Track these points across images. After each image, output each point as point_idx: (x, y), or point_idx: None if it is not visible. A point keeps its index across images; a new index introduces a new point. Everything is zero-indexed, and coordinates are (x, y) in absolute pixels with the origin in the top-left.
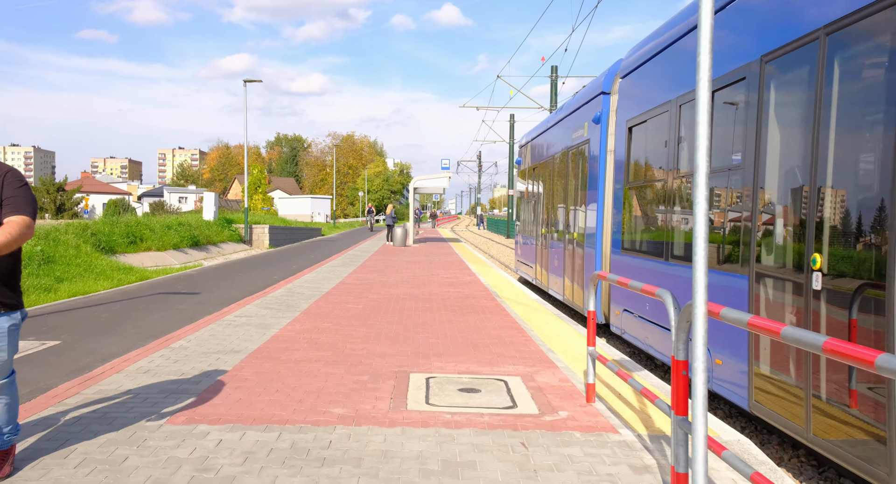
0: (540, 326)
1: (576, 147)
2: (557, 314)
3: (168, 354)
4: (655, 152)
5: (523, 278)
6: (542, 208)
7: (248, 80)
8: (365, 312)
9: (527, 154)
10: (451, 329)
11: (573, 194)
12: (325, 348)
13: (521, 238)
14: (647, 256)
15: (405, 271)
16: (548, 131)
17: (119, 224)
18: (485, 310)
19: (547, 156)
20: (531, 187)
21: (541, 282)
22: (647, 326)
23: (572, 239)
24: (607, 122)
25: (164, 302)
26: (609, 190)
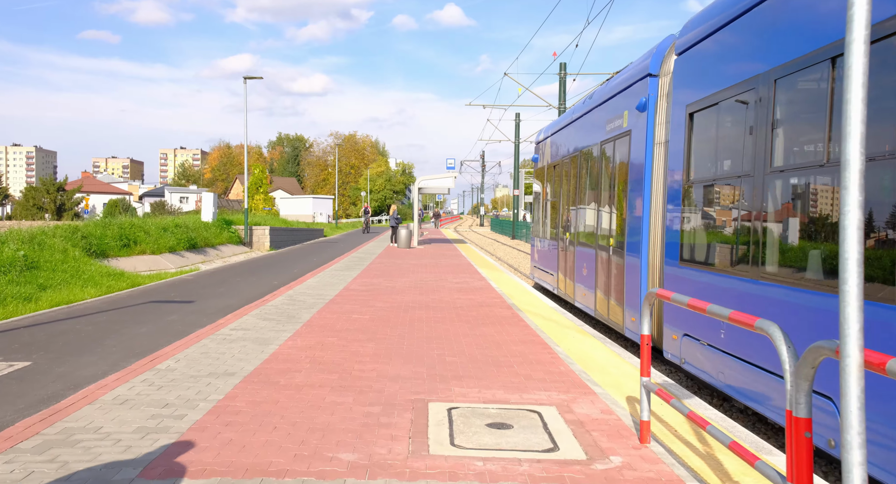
0: (566, 342)
1: (611, 140)
2: (585, 328)
3: (152, 379)
4: (735, 141)
5: (539, 285)
6: (566, 210)
7: (249, 76)
8: (372, 323)
9: (545, 151)
10: (468, 344)
11: (607, 194)
12: (330, 369)
13: (539, 242)
14: (724, 272)
15: (412, 276)
16: (572, 125)
17: (112, 226)
18: (501, 320)
19: (571, 152)
20: (551, 187)
21: (564, 292)
22: (724, 359)
23: (606, 246)
24: (655, 110)
25: (154, 312)
26: (658, 189)
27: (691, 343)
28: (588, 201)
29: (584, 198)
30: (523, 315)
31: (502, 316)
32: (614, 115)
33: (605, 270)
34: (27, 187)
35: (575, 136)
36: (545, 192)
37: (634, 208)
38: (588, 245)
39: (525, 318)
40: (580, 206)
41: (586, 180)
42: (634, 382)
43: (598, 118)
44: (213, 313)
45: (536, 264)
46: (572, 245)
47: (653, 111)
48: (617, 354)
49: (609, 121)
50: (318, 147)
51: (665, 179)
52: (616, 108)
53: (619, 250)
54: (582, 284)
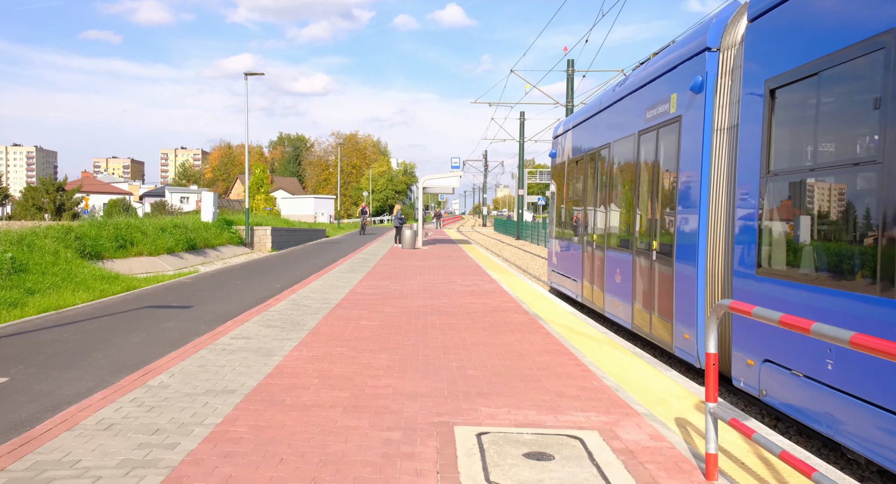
0: (595, 353)
1: (651, 130)
2: (612, 337)
3: (142, 398)
4: (849, 119)
5: (556, 290)
6: (593, 210)
7: (250, 72)
8: (383, 330)
9: (565, 145)
10: (487, 355)
11: (647, 192)
12: (340, 386)
13: (558, 245)
14: (833, 287)
15: (419, 278)
16: (600, 115)
17: (107, 227)
18: (520, 327)
19: (599, 144)
20: (573, 184)
21: (591, 301)
22: (835, 399)
23: (647, 250)
24: (715, 90)
25: (149, 319)
26: (720, 183)
27: (777, 372)
28: (621, 200)
29: (616, 196)
30: (542, 321)
31: (520, 322)
32: (657, 101)
33: (645, 278)
34: (26, 187)
35: (603, 127)
36: (566, 190)
37: (686, 207)
38: (622, 250)
39: (545, 324)
40: (611, 205)
41: (619, 176)
42: (682, 402)
43: (633, 106)
44: (213, 320)
45: (555, 269)
46: (600, 249)
47: (712, 92)
48: (654, 367)
49: (650, 107)
50: (319, 147)
51: (731, 172)
52: (659, 93)
53: (665, 256)
54: (614, 294)
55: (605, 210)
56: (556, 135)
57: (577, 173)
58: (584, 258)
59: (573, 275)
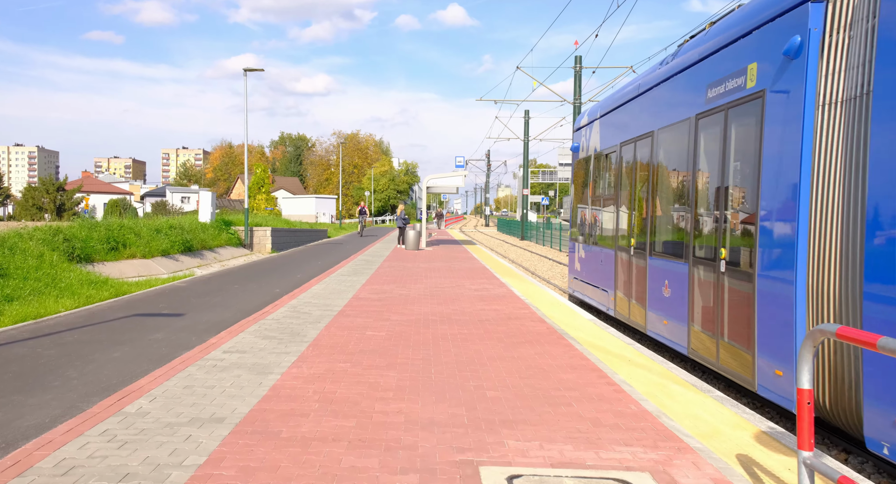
0: (623, 368)
1: (718, 110)
2: (638, 349)
3: (115, 429)
4: None
5: (578, 299)
6: (631, 210)
7: (249, 68)
8: (390, 342)
9: (591, 137)
10: (507, 371)
11: (710, 186)
12: (344, 412)
13: (583, 250)
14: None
15: (426, 281)
16: (639, 99)
17: (98, 227)
18: (538, 338)
19: (640, 133)
20: (603, 180)
21: (627, 316)
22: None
23: (712, 259)
24: (822, 53)
25: (136, 329)
26: (831, 177)
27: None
28: (670, 198)
29: (662, 194)
30: (561, 331)
31: (537, 332)
32: (725, 75)
33: (709, 294)
34: (27, 187)
35: (644, 113)
36: (592, 187)
37: (776, 205)
38: (673, 258)
39: (564, 335)
40: (655, 204)
41: (666, 170)
42: (738, 433)
43: (687, 84)
44: (205, 330)
45: (578, 276)
46: (640, 256)
47: (816, 55)
48: (694, 386)
49: (713, 85)
50: (320, 146)
51: (854, 157)
52: (727, 65)
53: (739, 268)
54: (661, 311)
55: (646, 210)
56: (580, 126)
57: (608, 168)
58: (618, 266)
59: (602, 284)
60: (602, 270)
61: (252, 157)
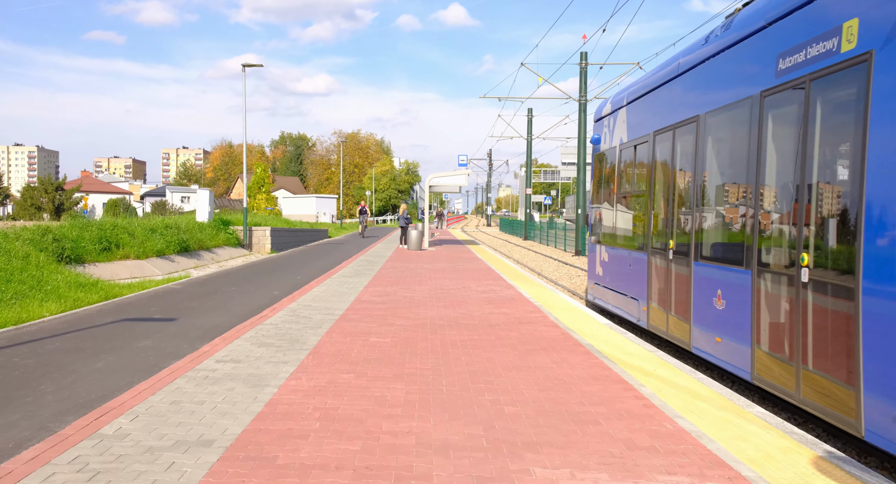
0: (650, 378)
1: (795, 84)
2: (661, 356)
3: (87, 456)
4: None
5: (598, 307)
6: (670, 207)
7: (247, 64)
8: (396, 349)
9: (617, 126)
10: (524, 383)
11: (783, 178)
12: (349, 432)
13: (608, 253)
14: None
15: (430, 283)
16: (680, 80)
17: (90, 227)
18: (553, 345)
19: (679, 119)
20: (632, 174)
21: (666, 331)
22: None
23: (788, 267)
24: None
25: (123, 335)
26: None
27: None
28: (725, 194)
29: (713, 188)
30: (577, 336)
31: (552, 338)
32: (811, 37)
33: (785, 310)
34: (25, 187)
35: (686, 95)
36: (618, 183)
37: (890, 202)
38: (730, 264)
39: (581, 341)
40: (706, 201)
41: (719, 160)
42: (793, 458)
43: (753, 54)
44: (198, 336)
45: (601, 282)
46: (683, 262)
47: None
48: (733, 401)
49: (792, 51)
50: (321, 146)
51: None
52: (813, 23)
53: (834, 282)
54: (712, 327)
55: (689, 208)
56: (601, 116)
57: (638, 161)
58: (652, 272)
59: (631, 292)
60: (631, 277)
61: (252, 156)
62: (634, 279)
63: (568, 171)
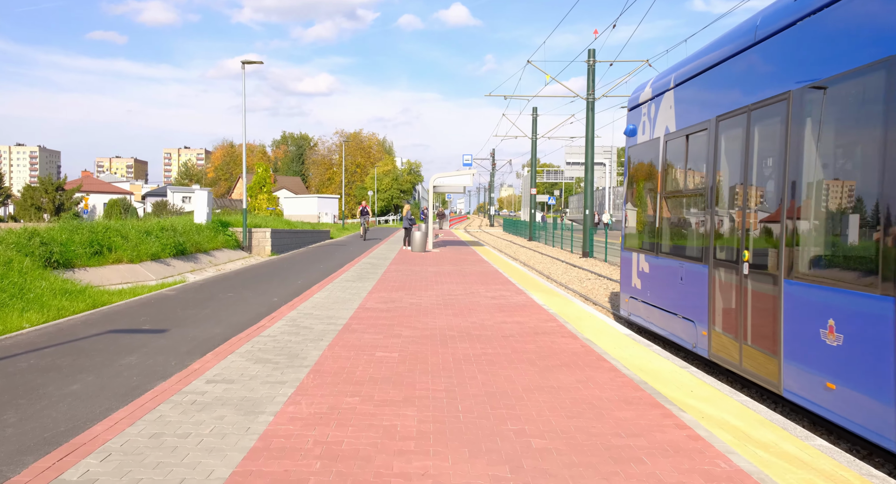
0: (688, 400)
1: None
2: (693, 372)
3: None
4: None
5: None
6: (749, 209)
7: (247, 60)
8: (404, 366)
9: (661, 113)
10: (549, 407)
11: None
12: (354, 475)
13: (649, 263)
14: None
15: (437, 288)
16: (752, 52)
17: (81, 230)
18: (574, 359)
19: (765, 95)
20: (683, 168)
21: (739, 364)
22: None
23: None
24: None
25: (107, 350)
26: None
27: None
28: (837, 194)
29: (818, 186)
30: (599, 350)
31: (571, 352)
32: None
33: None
34: (26, 187)
35: (782, 62)
36: (663, 179)
37: None
38: (849, 286)
39: (604, 355)
40: (808, 203)
41: (829, 148)
42: None
43: (872, 13)
44: (189, 351)
45: (639, 296)
46: (767, 278)
47: None
48: (788, 431)
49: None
50: (322, 145)
51: None
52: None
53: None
54: (821, 369)
55: (779, 211)
56: (638, 103)
57: (694, 153)
58: (717, 289)
59: (685, 312)
60: (683, 293)
61: (253, 156)
62: (689, 296)
63: (572, 170)
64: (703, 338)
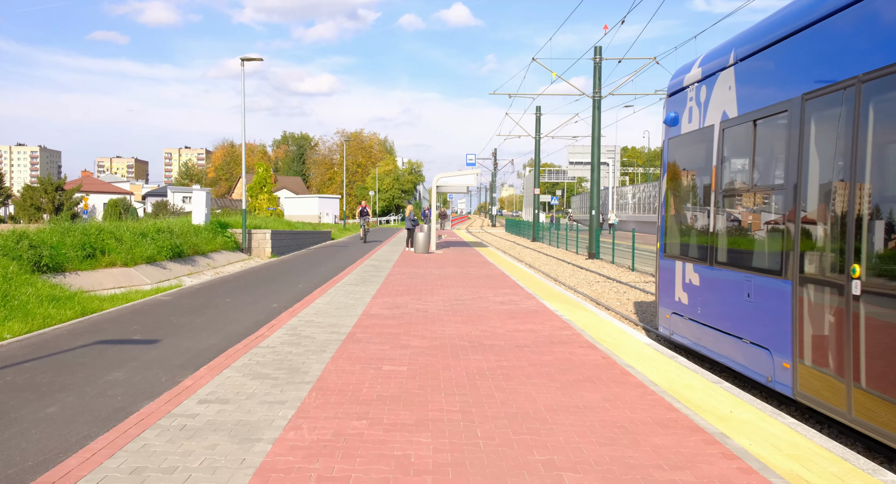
0: (729, 422)
1: None
2: (726, 388)
3: None
4: None
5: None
6: (855, 214)
7: (246, 57)
8: (415, 382)
9: (714, 97)
10: (578, 432)
11: None
12: None
13: (701, 274)
14: None
15: (443, 292)
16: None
17: (73, 232)
18: (597, 373)
19: (873, 66)
20: (751, 163)
21: (848, 411)
22: None
23: None
24: None
25: (91, 365)
26: None
27: None
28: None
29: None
30: (621, 361)
31: (593, 364)
32: None
33: None
34: (25, 187)
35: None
36: (721, 174)
37: None
38: None
39: (627, 366)
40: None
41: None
42: None
43: None
44: (181, 365)
45: (687, 314)
46: (889, 301)
47: None
48: (849, 462)
49: None
50: (323, 145)
51: None
52: None
53: None
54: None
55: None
56: (681, 86)
57: (766, 140)
58: (805, 311)
59: (755, 336)
60: (753, 312)
61: (254, 156)
62: (760, 318)
63: (575, 170)
64: (785, 372)
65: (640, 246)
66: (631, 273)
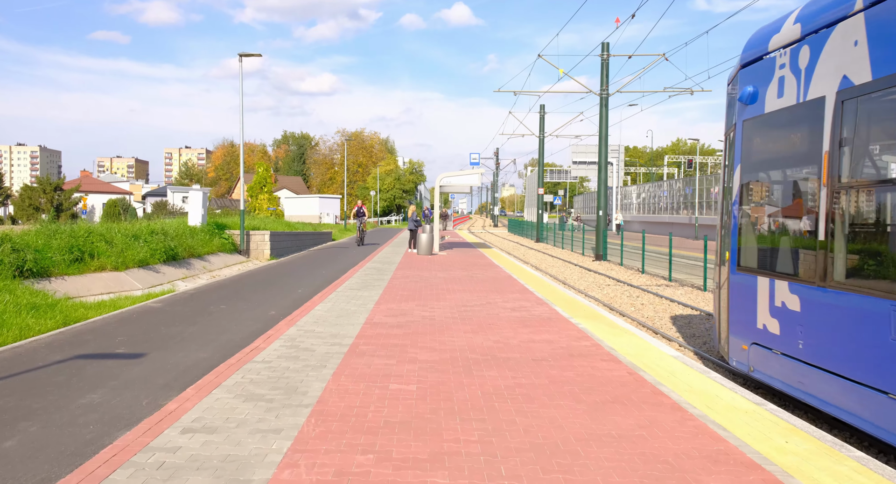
0: (788, 456)
1: None
2: (771, 409)
3: None
4: None
5: (745, 374)
6: None
7: (244, 53)
8: (425, 404)
9: (822, 60)
10: (616, 469)
11: None
12: None
13: (806, 299)
14: None
15: (449, 297)
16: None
17: (59, 235)
18: (626, 393)
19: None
20: (882, 145)
21: None
22: None
23: None
24: None
25: (65, 385)
26: None
27: None
28: None
29: None
30: (650, 378)
31: (619, 382)
32: None
33: None
34: (24, 187)
35: None
36: (832, 164)
37: None
38: None
39: (658, 384)
40: None
41: None
42: None
43: None
44: (166, 384)
45: (779, 348)
46: None
47: None
48: None
49: None
50: (324, 145)
51: None
52: None
53: None
54: None
55: None
56: (763, 53)
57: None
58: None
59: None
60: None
61: (254, 156)
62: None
63: (578, 170)
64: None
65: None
66: (641, 276)
